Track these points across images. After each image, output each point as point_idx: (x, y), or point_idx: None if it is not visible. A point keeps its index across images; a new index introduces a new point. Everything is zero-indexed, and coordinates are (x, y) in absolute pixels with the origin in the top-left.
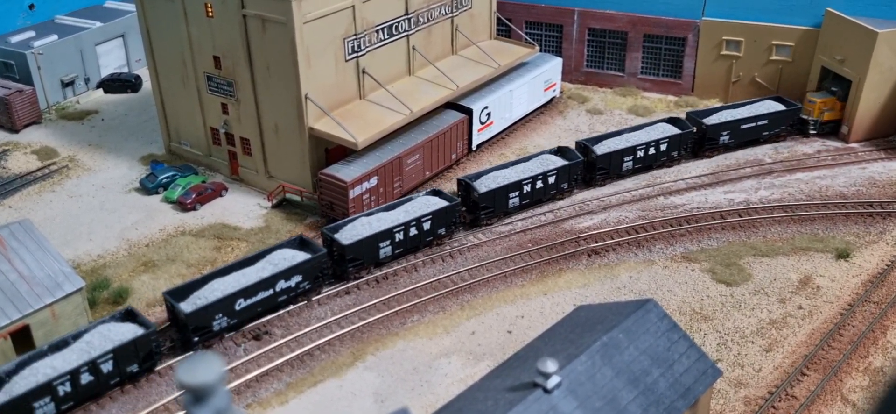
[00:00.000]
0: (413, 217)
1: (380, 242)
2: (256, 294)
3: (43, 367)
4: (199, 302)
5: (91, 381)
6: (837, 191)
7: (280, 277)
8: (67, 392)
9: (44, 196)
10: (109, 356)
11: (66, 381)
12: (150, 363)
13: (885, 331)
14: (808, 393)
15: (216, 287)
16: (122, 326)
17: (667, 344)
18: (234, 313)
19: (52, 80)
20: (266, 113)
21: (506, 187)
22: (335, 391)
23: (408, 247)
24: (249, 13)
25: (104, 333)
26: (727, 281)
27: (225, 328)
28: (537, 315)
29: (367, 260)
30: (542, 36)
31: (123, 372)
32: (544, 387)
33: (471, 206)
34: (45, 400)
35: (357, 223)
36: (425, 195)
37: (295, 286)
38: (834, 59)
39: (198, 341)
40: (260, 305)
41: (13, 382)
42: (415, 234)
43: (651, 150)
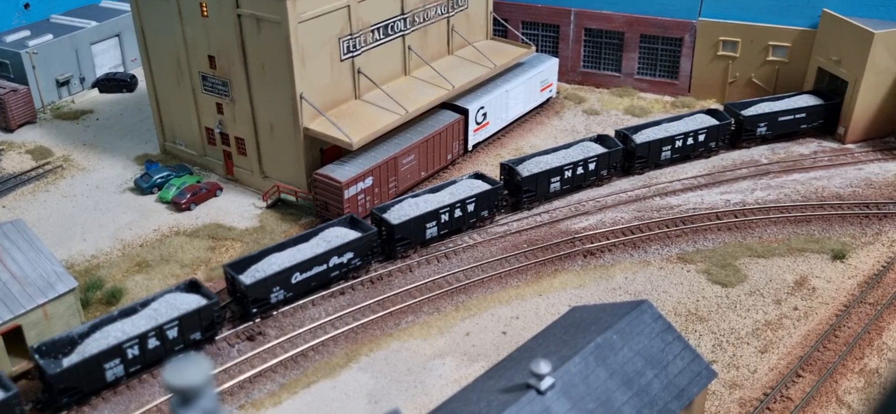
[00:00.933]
0: (458, 199)
1: (426, 223)
2: (311, 269)
3: (113, 330)
4: (258, 275)
5: (157, 346)
6: (833, 192)
7: (333, 253)
8: (136, 355)
9: (38, 196)
10: (175, 323)
11: (134, 344)
12: (211, 333)
13: (881, 332)
14: (804, 394)
15: (274, 261)
16: (187, 295)
17: (661, 345)
18: (291, 286)
19: (47, 80)
20: (261, 113)
21: (548, 172)
22: (329, 392)
23: (452, 228)
24: (244, 13)
25: (170, 302)
26: (723, 282)
27: (281, 301)
28: (532, 316)
29: (415, 240)
30: (539, 36)
31: (187, 339)
32: (538, 388)
33: (513, 189)
34: (115, 361)
35: (405, 204)
36: (468, 178)
37: (346, 263)
38: (830, 60)
39: (256, 312)
40: (314, 279)
41: (85, 344)
42: (459, 215)
43: (689, 140)
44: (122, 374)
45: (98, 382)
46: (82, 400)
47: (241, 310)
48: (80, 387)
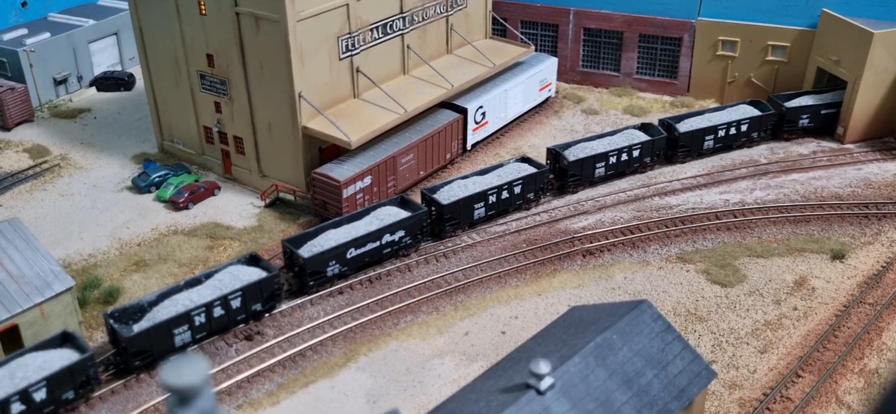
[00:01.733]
0: (505, 181)
1: (475, 204)
2: (365, 245)
3: (181, 299)
4: (315, 249)
5: (222, 315)
6: (833, 192)
7: (386, 230)
8: (202, 323)
9: (35, 195)
10: (238, 294)
11: (201, 312)
12: (271, 303)
13: (881, 332)
14: (803, 394)
15: (330, 237)
16: (248, 268)
17: (661, 345)
18: (346, 261)
19: (44, 78)
20: (259, 112)
21: (593, 158)
22: (327, 392)
23: (499, 209)
24: (243, 11)
25: (234, 273)
26: (722, 282)
27: (337, 275)
28: (531, 316)
29: (463, 220)
30: (538, 35)
31: (249, 309)
32: (537, 388)
33: (559, 173)
34: (183, 328)
35: (454, 185)
36: (515, 162)
37: (398, 241)
38: (829, 60)
39: (313, 285)
40: (368, 255)
41: (154, 311)
42: (506, 197)
43: (732, 130)
44: (189, 340)
45: (167, 346)
46: (151, 364)
47: (298, 283)
48: (151, 351)
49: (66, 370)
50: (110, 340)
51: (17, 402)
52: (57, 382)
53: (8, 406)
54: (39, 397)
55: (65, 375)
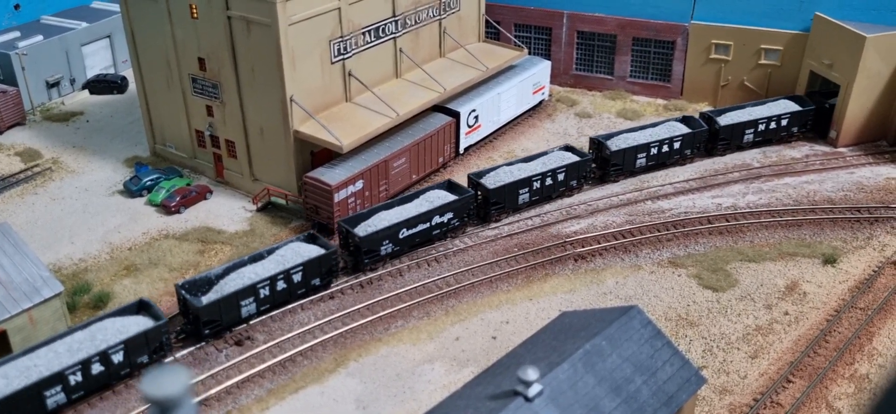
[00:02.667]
0: (549, 168)
1: (520, 189)
2: (416, 226)
3: (247, 272)
4: (370, 229)
5: (284, 288)
6: (825, 196)
7: (435, 212)
8: (266, 295)
9: (26, 199)
10: (300, 269)
11: (266, 285)
12: (329, 279)
13: (871, 337)
14: (794, 400)
15: (383, 217)
16: (307, 245)
17: (650, 351)
18: (398, 241)
19: (36, 81)
20: (251, 115)
21: (635, 148)
22: (317, 398)
23: (543, 195)
24: (234, 15)
25: (295, 250)
26: (714, 286)
27: (390, 254)
28: (522, 321)
29: (508, 205)
30: (531, 39)
31: (309, 284)
32: (525, 395)
33: (601, 162)
34: (249, 299)
35: (500, 171)
36: (559, 150)
37: (446, 222)
38: (822, 64)
39: (367, 263)
40: (418, 235)
41: (222, 284)
42: (550, 183)
43: (772, 124)
44: (254, 311)
45: (235, 317)
46: (219, 333)
47: (353, 261)
48: (220, 320)
49: (141, 335)
50: (180, 310)
51: (97, 362)
52: (133, 346)
53: (89, 366)
54: (117, 359)
55: (141, 339)
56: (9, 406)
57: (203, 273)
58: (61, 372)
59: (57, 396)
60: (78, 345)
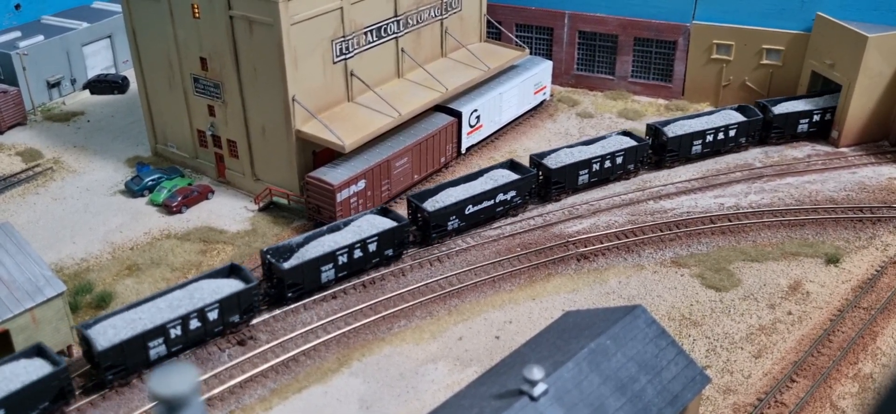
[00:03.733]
0: (608, 151)
1: (580, 171)
2: (481, 203)
3: (326, 241)
4: (438, 204)
5: (360, 256)
6: (827, 195)
7: (499, 190)
8: (344, 262)
9: (28, 198)
10: (375, 239)
11: (344, 252)
12: (400, 250)
13: (875, 337)
14: (798, 400)
15: (451, 194)
16: (381, 218)
17: (655, 351)
18: (464, 217)
19: (37, 81)
20: (253, 115)
21: (691, 135)
22: (320, 398)
23: (601, 177)
24: (236, 14)
25: (370, 222)
26: (717, 286)
27: (456, 229)
28: (525, 320)
29: (568, 185)
30: (533, 39)
31: (382, 254)
32: (530, 394)
33: (657, 148)
34: (328, 266)
35: (561, 153)
36: (617, 135)
37: (509, 200)
38: (824, 64)
39: (435, 237)
40: (483, 212)
41: (302, 251)
42: (608, 166)
43: (827, 115)
44: (332, 277)
45: (316, 281)
46: (303, 295)
47: (421, 235)
48: (302, 284)
49: (234, 296)
50: (265, 274)
51: (195, 319)
52: (227, 305)
53: (188, 321)
54: (212, 317)
55: (233, 300)
56: (118, 353)
57: (285, 241)
58: (163, 325)
59: (158, 347)
60: (177, 302)
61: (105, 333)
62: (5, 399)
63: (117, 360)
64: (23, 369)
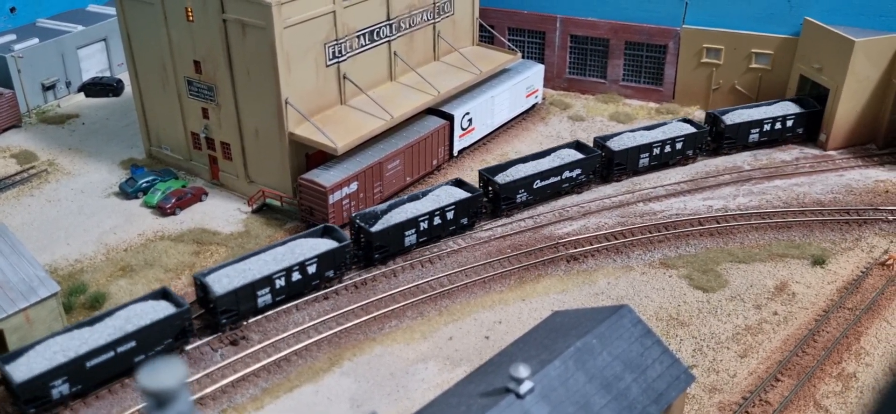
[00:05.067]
0: (669, 137)
1: (641, 154)
2: (548, 178)
3: (407, 208)
4: (508, 178)
5: (438, 223)
6: (814, 198)
7: (566, 167)
8: (425, 228)
9: (22, 200)
10: (453, 208)
11: (425, 219)
12: (474, 219)
13: (859, 337)
14: (782, 398)
15: (520, 169)
16: (456, 189)
17: (640, 349)
18: (533, 191)
19: (32, 84)
20: (246, 118)
21: (749, 123)
22: (311, 397)
23: (661, 161)
24: (230, 18)
25: (448, 192)
26: (704, 287)
27: (524, 202)
28: (515, 321)
29: (629, 166)
30: (525, 42)
31: (458, 223)
32: (517, 392)
33: (715, 135)
34: (411, 231)
35: (624, 136)
36: (678, 121)
37: (575, 177)
38: (812, 68)
39: (504, 208)
40: (549, 187)
41: (387, 217)
42: (668, 151)
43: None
44: (414, 242)
45: (399, 245)
46: (387, 258)
47: (492, 206)
48: (387, 247)
49: (330, 253)
50: (353, 238)
51: (297, 271)
52: (323, 260)
53: (291, 273)
54: (311, 270)
55: (329, 256)
56: (231, 299)
57: (370, 208)
58: (270, 276)
59: (265, 296)
60: (281, 256)
61: (220, 281)
62: (137, 332)
63: (231, 305)
64: (151, 309)
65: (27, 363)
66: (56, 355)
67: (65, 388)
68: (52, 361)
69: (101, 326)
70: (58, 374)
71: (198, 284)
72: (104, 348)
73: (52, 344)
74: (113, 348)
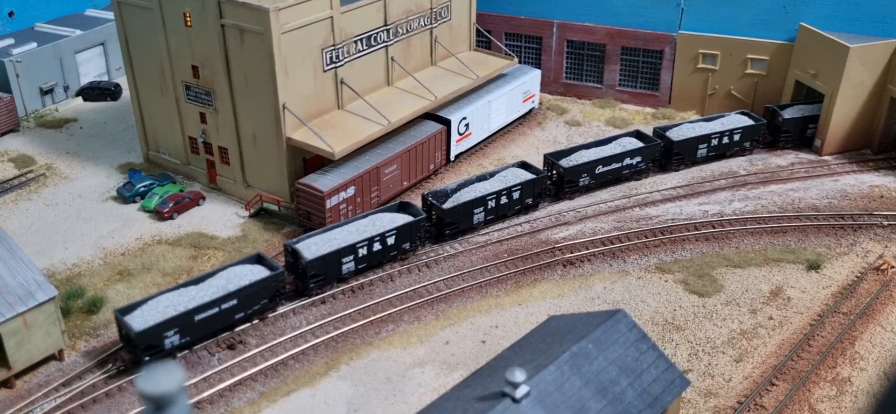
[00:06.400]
0: (727, 129)
1: (700, 144)
2: (610, 164)
3: (478, 187)
4: (572, 162)
5: (505, 202)
6: (810, 203)
7: (627, 154)
8: (493, 207)
9: (20, 204)
10: (519, 188)
11: (493, 198)
12: (538, 199)
13: (854, 342)
14: (777, 403)
15: (583, 155)
16: (522, 170)
17: (636, 354)
18: (595, 175)
19: (30, 88)
20: (244, 122)
21: (805, 118)
22: (308, 401)
23: (718, 152)
24: (228, 23)
25: (514, 173)
26: (700, 292)
27: (586, 185)
28: (512, 325)
29: (688, 157)
30: (522, 48)
31: (524, 202)
32: (513, 397)
33: (773, 129)
34: (480, 209)
35: (684, 127)
36: (736, 114)
37: (635, 165)
38: (807, 74)
39: (567, 191)
40: (611, 173)
41: (456, 195)
42: (726, 142)
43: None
44: (482, 219)
45: (469, 222)
46: (456, 234)
47: (555, 188)
48: (458, 223)
49: (407, 226)
50: (426, 214)
51: (378, 242)
52: (401, 233)
53: (372, 243)
54: (390, 242)
55: (406, 229)
56: (320, 264)
57: (441, 186)
58: (354, 245)
59: (349, 263)
60: (363, 228)
61: (309, 248)
62: (238, 291)
63: (319, 270)
64: (248, 271)
65: (142, 316)
66: (167, 309)
67: (176, 338)
68: (165, 314)
69: (205, 285)
70: (170, 325)
71: (288, 251)
72: (209, 305)
73: (162, 300)
74: (217, 305)
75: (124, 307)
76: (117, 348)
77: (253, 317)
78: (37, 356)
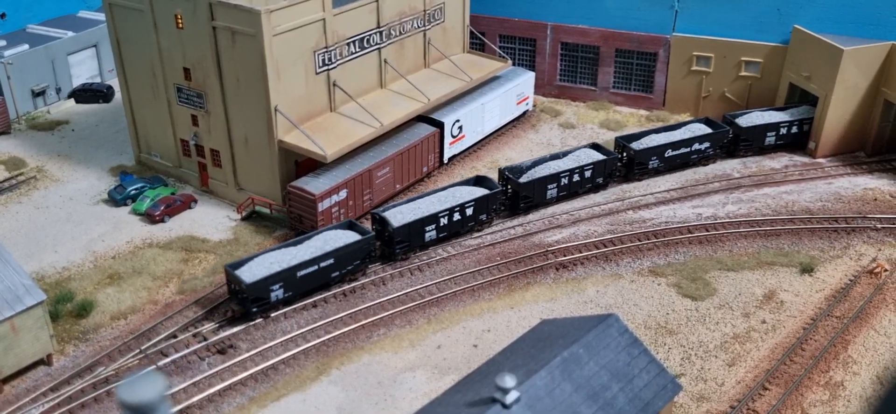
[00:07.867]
0: (796, 118)
1: (768, 132)
2: (679, 149)
3: (551, 165)
4: (643, 145)
5: (577, 180)
6: (803, 206)
7: (696, 140)
8: (566, 183)
9: (10, 207)
10: (591, 167)
11: (566, 175)
12: (608, 180)
13: (847, 345)
14: (770, 407)
15: (653, 139)
16: (594, 151)
17: (627, 359)
18: (664, 159)
19: (22, 90)
20: (236, 125)
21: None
22: (299, 405)
23: (787, 141)
24: (219, 25)
25: (587, 154)
26: (693, 295)
27: (656, 169)
28: (504, 329)
29: (755, 144)
30: (516, 50)
31: (594, 182)
32: (503, 402)
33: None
34: (553, 185)
35: (753, 114)
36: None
37: (703, 150)
38: (801, 76)
39: (637, 173)
40: (679, 158)
41: (531, 172)
42: (795, 131)
43: None
44: (555, 195)
45: (542, 198)
46: (530, 207)
47: (626, 170)
48: (532, 198)
49: (484, 198)
50: (502, 187)
51: (457, 212)
52: (479, 205)
53: (453, 213)
54: (469, 212)
55: (483, 201)
56: (405, 232)
57: (516, 163)
58: (436, 214)
59: (430, 232)
60: (443, 199)
61: (396, 216)
62: (335, 251)
63: (404, 237)
64: (342, 235)
65: (250, 270)
66: (273, 266)
67: (280, 292)
68: (271, 269)
69: (304, 246)
70: (276, 279)
71: (376, 219)
72: (310, 262)
73: (267, 257)
74: (317, 263)
75: (233, 262)
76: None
77: (346, 277)
78: (25, 361)
